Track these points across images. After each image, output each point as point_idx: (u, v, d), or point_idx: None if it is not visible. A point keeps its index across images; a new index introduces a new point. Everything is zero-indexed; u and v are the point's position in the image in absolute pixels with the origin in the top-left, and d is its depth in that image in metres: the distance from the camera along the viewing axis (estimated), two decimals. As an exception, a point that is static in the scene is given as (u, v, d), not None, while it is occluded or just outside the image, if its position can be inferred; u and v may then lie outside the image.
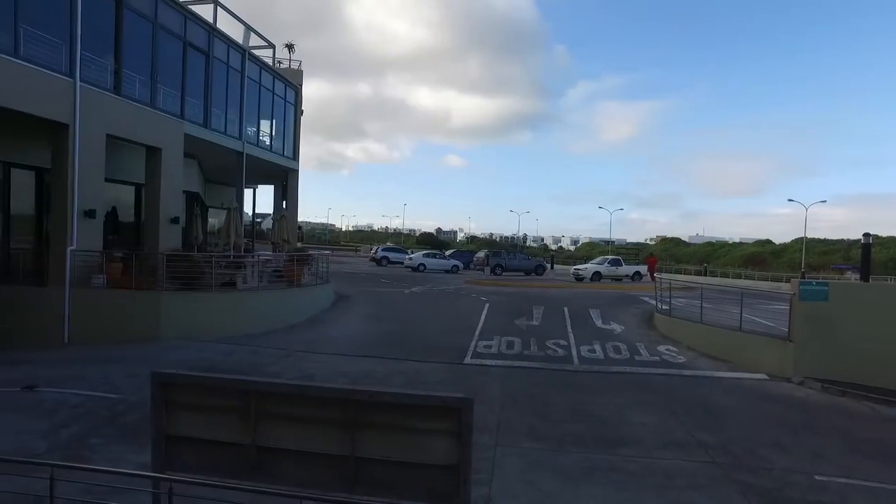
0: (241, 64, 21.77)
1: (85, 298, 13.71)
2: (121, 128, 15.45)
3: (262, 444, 4.32)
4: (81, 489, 5.11)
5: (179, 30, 18.09)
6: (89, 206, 14.38)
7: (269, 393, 4.25)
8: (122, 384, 10.02)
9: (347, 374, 11.36)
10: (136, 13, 16.15)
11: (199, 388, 4.31)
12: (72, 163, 13.87)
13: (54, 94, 13.36)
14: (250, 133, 23.08)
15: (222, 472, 4.35)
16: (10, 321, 13.55)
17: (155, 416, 4.27)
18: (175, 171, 17.64)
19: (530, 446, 8.00)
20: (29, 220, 15.18)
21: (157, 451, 4.30)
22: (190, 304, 14.30)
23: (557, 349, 14.18)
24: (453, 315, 18.40)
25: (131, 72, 16.11)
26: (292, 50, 29.21)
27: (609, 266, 35.85)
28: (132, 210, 18.75)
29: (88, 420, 8.32)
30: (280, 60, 27.66)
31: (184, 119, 18.17)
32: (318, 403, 4.20)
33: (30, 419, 8.28)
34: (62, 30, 13.70)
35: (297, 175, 27.52)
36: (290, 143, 26.95)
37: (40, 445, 7.36)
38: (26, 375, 10.33)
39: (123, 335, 13.37)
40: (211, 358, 12.01)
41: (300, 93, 27.54)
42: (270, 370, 11.36)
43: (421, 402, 4.14)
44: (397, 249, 48.84)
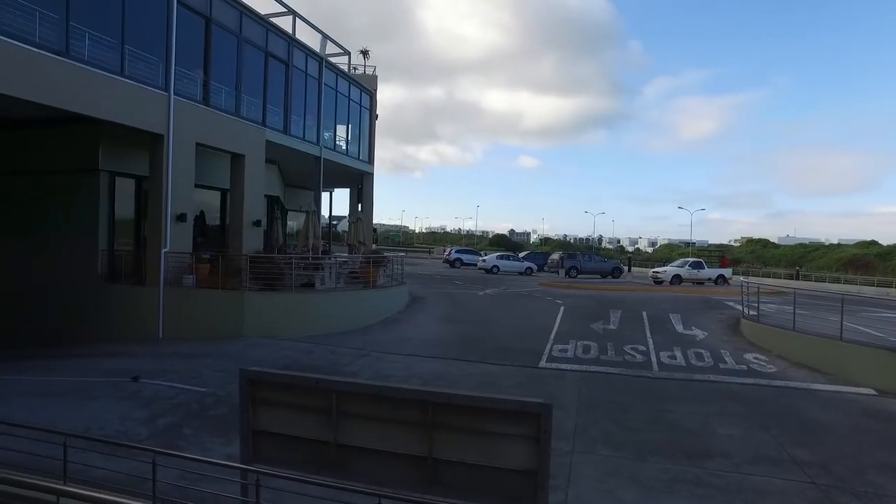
0: (318, 71, 22.54)
1: (177, 297, 14.62)
2: (209, 136, 16.40)
3: (342, 441, 4.42)
4: (177, 475, 5.42)
5: (261, 42, 18.98)
6: (181, 211, 15.35)
7: (349, 392, 4.34)
8: (210, 379, 10.57)
9: (421, 375, 11.46)
10: (223, 28, 17.10)
11: (284, 386, 4.46)
12: (166, 170, 14.86)
13: (152, 108, 14.38)
14: (327, 138, 23.85)
15: (304, 466, 4.49)
16: (114, 317, 14.70)
17: (243, 411, 4.46)
18: (257, 177, 18.50)
19: (608, 454, 7.76)
20: (129, 225, 16.36)
21: (245, 445, 4.49)
22: (271, 304, 14.92)
23: (636, 354, 13.70)
24: (527, 318, 18.19)
25: (218, 83, 17.09)
26: (367, 56, 29.92)
27: (690, 269, 34.26)
28: (218, 214, 19.82)
29: (181, 411, 8.85)
30: (355, 66, 28.42)
31: (265, 126, 19.04)
32: (397, 404, 4.25)
33: (133, 407, 8.91)
34: (159, 48, 14.74)
35: (371, 178, 28.16)
36: (365, 147, 27.62)
37: (142, 431, 7.90)
38: (129, 367, 11.12)
39: (210, 332, 14.15)
40: (291, 356, 12.46)
41: (374, 97, 28.17)
42: (347, 369, 11.65)
43: (499, 406, 4.09)
44: (470, 251, 48.88)
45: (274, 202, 22.71)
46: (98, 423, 8.12)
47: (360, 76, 28.04)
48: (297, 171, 24.30)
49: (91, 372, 11.13)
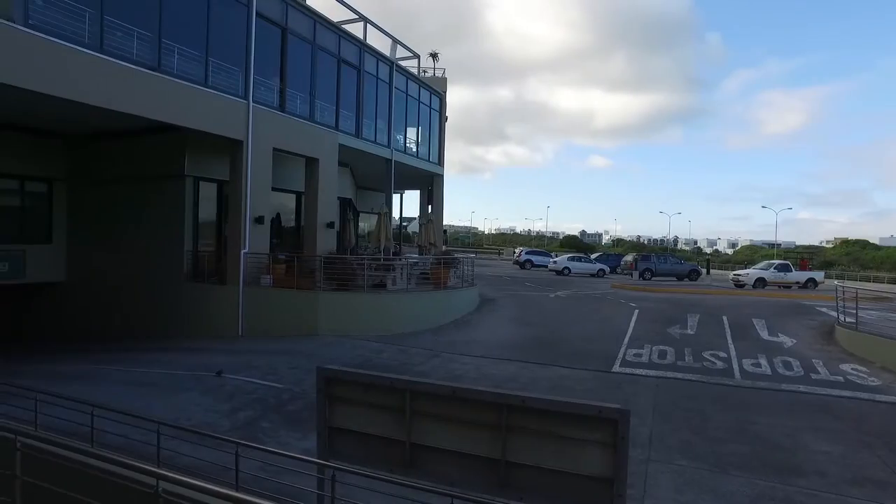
0: (388, 75, 22.94)
1: (255, 296, 15.25)
2: (285, 141, 17.03)
3: (415, 441, 4.43)
4: (257, 466, 5.63)
5: (334, 48, 19.53)
6: (259, 214, 16.02)
7: (423, 393, 4.34)
8: (286, 375, 10.96)
9: (492, 376, 11.39)
10: (298, 37, 17.73)
11: (360, 385, 4.52)
12: (245, 175, 15.54)
13: (233, 116, 15.10)
14: (398, 140, 24.23)
15: (378, 464, 4.54)
16: (198, 314, 15.53)
17: (320, 408, 4.56)
18: (330, 180, 19.03)
19: (686, 464, 7.41)
20: (211, 227, 17.23)
21: (322, 441, 4.58)
22: (344, 304, 15.29)
23: (716, 361, 13.03)
24: (600, 320, 17.73)
25: (293, 90, 17.73)
26: (436, 59, 30.23)
27: (776, 272, 32.23)
28: (293, 216, 20.53)
29: (259, 406, 9.20)
30: (425, 69, 28.75)
31: (338, 130, 19.56)
32: (471, 405, 4.22)
33: (216, 400, 9.37)
34: (239, 59, 15.47)
35: (442, 180, 28.37)
36: (435, 149, 27.87)
37: (224, 424, 8.28)
38: (212, 362, 11.71)
39: (286, 330, 14.68)
40: (363, 355, 12.71)
41: (444, 100, 28.36)
42: (418, 369, 11.75)
43: (575, 410, 3.98)
44: (541, 252, 48.30)
45: (346, 204, 23.29)
46: (185, 413, 8.58)
47: (430, 79, 28.33)
48: (368, 174, 24.83)
49: (177, 365, 11.80)
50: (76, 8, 11.45)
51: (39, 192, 17.27)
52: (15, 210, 16.91)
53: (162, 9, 13.17)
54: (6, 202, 16.76)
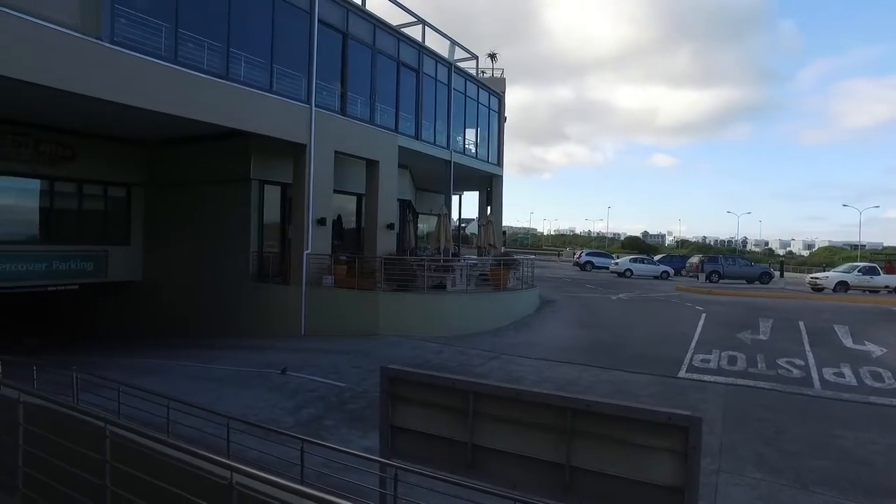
0: (447, 77, 23.02)
1: (317, 296, 15.62)
2: (345, 144, 17.37)
3: (478, 442, 4.39)
4: (320, 462, 5.72)
5: (393, 51, 19.78)
6: (321, 215, 16.40)
7: (486, 394, 4.29)
8: (348, 374, 11.14)
9: (553, 379, 11.19)
10: (358, 41, 18.07)
11: (422, 385, 4.52)
12: (308, 178, 15.95)
13: (296, 120, 15.54)
14: (457, 142, 24.28)
15: (439, 464, 4.52)
16: (263, 313, 16.06)
17: (383, 407, 4.58)
18: (390, 181, 19.27)
19: (761, 477, 7.02)
20: (275, 229, 17.78)
21: (384, 440, 4.60)
22: (403, 304, 15.43)
23: (792, 369, 12.31)
24: (664, 324, 17.12)
25: (354, 93, 18.09)
26: (495, 59, 30.06)
27: (860, 275, 29.93)
28: (353, 217, 20.90)
29: (322, 403, 9.39)
30: (483, 70, 28.68)
31: (397, 132, 19.79)
32: (534, 408, 4.14)
33: (281, 397, 9.63)
34: (302, 64, 15.91)
35: (501, 181, 28.24)
36: (494, 150, 27.76)
37: (288, 420, 8.49)
38: (276, 360, 12.07)
39: (347, 330, 14.95)
40: (423, 356, 12.77)
41: (503, 100, 28.22)
42: (478, 371, 11.69)
43: (643, 416, 3.83)
44: (602, 254, 47.27)
45: (406, 206, 23.54)
46: (251, 409, 8.85)
47: (489, 79, 28.24)
48: (427, 175, 25.01)
49: (244, 363, 12.22)
50: (154, 23, 12.10)
51: (119, 196, 18.35)
52: (99, 214, 18.04)
53: (230, 19, 13.72)
54: (92, 206, 17.87)
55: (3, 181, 15.50)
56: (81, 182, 17.23)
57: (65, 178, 16.77)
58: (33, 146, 15.75)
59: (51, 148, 16.13)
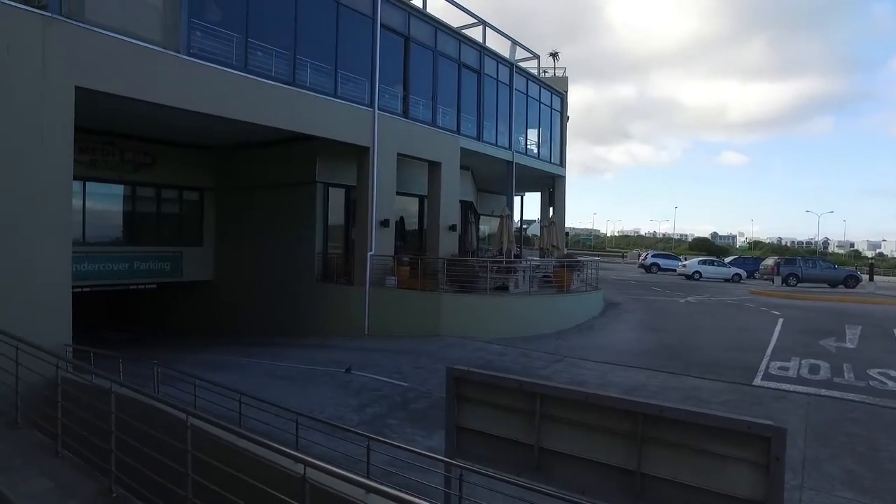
0: (508, 77, 22.89)
1: (380, 296, 15.85)
2: (408, 147, 17.56)
3: (544, 445, 4.30)
4: (385, 460, 5.78)
5: (454, 53, 19.86)
6: (384, 217, 16.64)
7: (554, 397, 4.20)
8: (411, 374, 11.22)
9: (618, 384, 10.87)
10: (420, 44, 18.25)
11: (488, 386, 4.47)
12: (371, 180, 16.23)
13: (360, 124, 15.85)
14: (519, 142, 24.09)
15: (505, 466, 4.46)
16: (327, 313, 16.45)
17: (448, 407, 4.56)
18: (452, 183, 19.33)
19: (851, 497, 6.52)
20: (339, 230, 18.20)
21: (450, 439, 4.58)
22: (466, 306, 15.41)
23: (886, 381, 11.41)
24: (737, 329, 16.33)
25: (416, 96, 18.28)
26: (556, 58, 29.68)
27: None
28: (415, 219, 21.11)
29: (386, 403, 9.49)
30: (545, 69, 28.33)
31: (459, 134, 19.84)
32: (603, 412, 4.01)
33: (345, 395, 9.82)
34: (365, 69, 16.23)
35: (563, 181, 27.83)
36: (556, 150, 27.39)
37: (353, 418, 8.63)
38: (340, 359, 12.32)
39: (409, 330, 15.08)
40: (484, 357, 12.71)
41: (565, 99, 27.79)
42: (541, 374, 11.52)
43: (720, 424, 3.63)
44: (668, 256, 45.70)
45: (468, 207, 23.55)
46: (318, 406, 9.05)
47: (550, 79, 27.89)
48: (489, 177, 24.94)
49: (310, 361, 12.54)
50: (225, 34, 12.66)
51: (193, 200, 19.28)
52: (175, 217, 19.03)
53: (296, 27, 14.17)
54: (169, 210, 18.87)
55: (93, 187, 16.56)
56: (160, 187, 18.22)
57: (145, 184, 17.79)
58: (119, 154, 16.79)
59: (134, 155, 17.15)
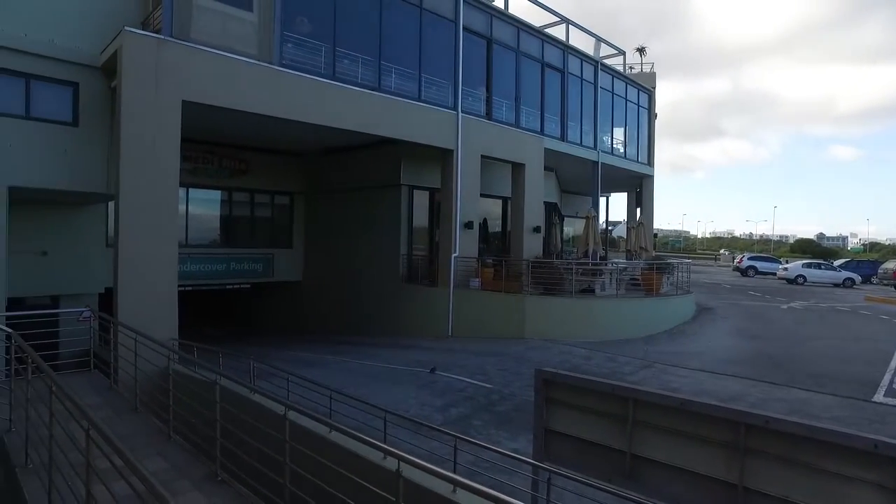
0: (593, 75, 22.35)
1: (464, 298, 15.90)
2: (491, 148, 17.54)
3: (637, 452, 4.14)
4: (470, 460, 5.78)
5: (537, 53, 19.64)
6: (468, 219, 16.71)
7: (648, 402, 4.03)
8: (495, 376, 11.16)
9: (713, 393, 10.27)
10: (502, 45, 18.20)
11: (579, 389, 4.36)
12: (455, 182, 16.34)
13: (443, 127, 16.02)
14: (604, 141, 23.46)
15: (595, 471, 4.33)
16: (411, 314, 16.72)
17: (537, 409, 4.49)
18: (536, 184, 19.11)
19: None
20: (423, 232, 18.45)
21: (538, 442, 4.50)
22: (550, 308, 15.16)
23: None
24: (852, 339, 14.99)
25: (499, 98, 18.23)
26: (643, 53, 28.73)
27: None
28: (499, 221, 21.02)
29: (470, 404, 9.49)
30: (631, 66, 27.46)
31: (543, 134, 19.58)
32: (702, 421, 3.80)
33: (430, 395, 9.91)
34: (447, 72, 16.40)
35: (651, 181, 26.80)
36: (644, 149, 26.43)
37: (437, 417, 8.69)
38: (425, 359, 12.47)
39: (492, 332, 15.03)
40: (570, 361, 12.43)
41: (653, 96, 26.76)
42: (628, 379, 11.09)
43: (838, 440, 3.33)
44: (767, 258, 42.62)
45: (551, 208, 23.21)
46: (403, 405, 9.20)
47: (637, 75, 26.98)
48: (573, 177, 24.46)
49: (394, 360, 12.78)
50: (314, 44, 13.22)
51: (284, 203, 20.21)
52: (267, 220, 20.03)
53: (381, 34, 14.54)
54: (261, 213, 19.90)
55: (195, 193, 17.78)
56: (253, 192, 19.25)
57: (240, 189, 18.86)
58: (217, 162, 17.93)
59: (230, 162, 18.24)
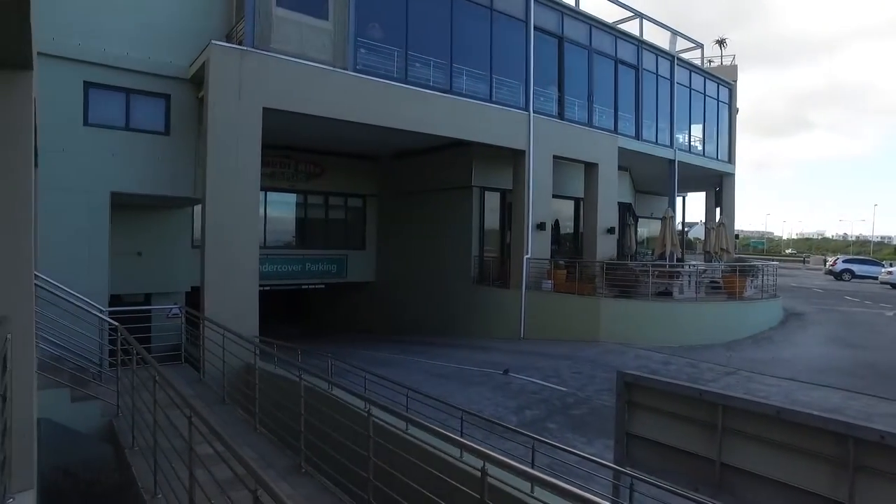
0: (669, 71, 21.58)
1: (536, 300, 15.73)
2: (564, 148, 17.28)
3: (727, 461, 3.95)
4: (546, 462, 5.69)
5: (610, 50, 19.18)
6: (540, 220, 16.53)
7: (740, 409, 3.83)
8: (569, 379, 10.97)
9: (806, 404, 9.61)
10: (574, 43, 17.92)
11: (663, 394, 4.21)
12: (527, 183, 16.21)
13: (515, 128, 15.93)
14: (681, 139, 22.58)
15: (680, 479, 4.17)
16: (482, 315, 16.70)
17: (619, 413, 4.37)
18: (610, 184, 18.65)
19: None
20: (494, 234, 18.39)
21: (619, 446, 4.38)
22: (626, 311, 14.73)
23: None
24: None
25: (571, 97, 17.96)
26: (723, 45, 27.40)
27: None
28: (570, 222, 20.65)
29: (544, 406, 9.37)
30: (710, 59, 26.27)
31: (616, 133, 19.09)
32: (801, 431, 3.56)
33: (503, 397, 9.87)
34: (519, 72, 16.32)
35: (732, 179, 25.54)
36: (724, 146, 25.24)
37: (512, 419, 8.64)
38: (497, 361, 12.43)
39: (565, 335, 14.78)
40: (647, 365, 12.02)
41: (734, 90, 25.49)
42: (711, 387, 10.59)
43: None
44: (866, 261, 38.85)
45: (626, 209, 22.58)
46: (477, 405, 9.20)
47: (717, 68, 25.79)
48: (647, 177, 23.70)
49: (467, 361, 12.80)
50: (387, 49, 13.48)
51: (357, 206, 20.70)
52: (340, 222, 20.58)
53: (452, 37, 14.65)
54: (335, 216, 20.47)
55: (273, 196, 18.53)
56: (327, 195, 19.83)
57: (315, 192, 19.47)
58: (294, 166, 18.62)
59: (305, 166, 18.89)
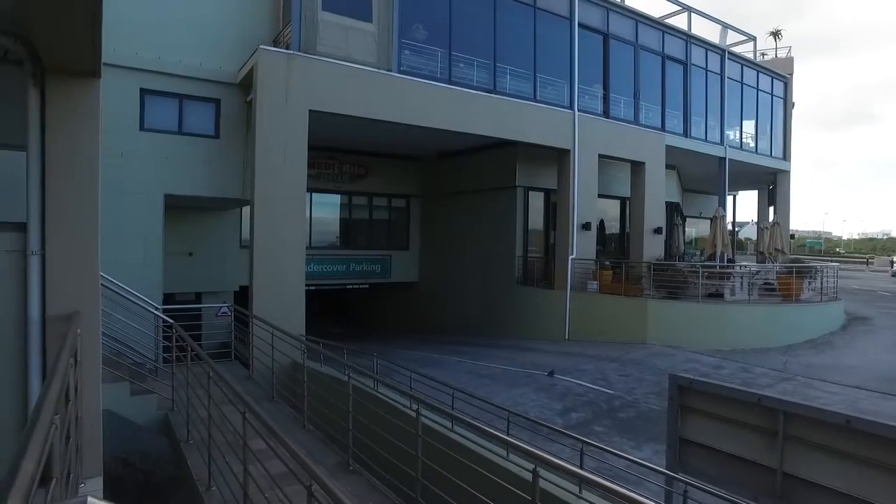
0: (719, 65, 20.91)
1: (581, 301, 15.49)
2: (609, 147, 16.97)
3: (789, 471, 3.77)
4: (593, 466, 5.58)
5: (657, 45, 18.72)
6: (585, 220, 16.27)
7: (803, 416, 3.65)
8: (616, 382, 10.74)
9: (873, 414, 9.04)
10: (619, 40, 17.57)
11: (719, 398, 4.06)
12: (572, 183, 15.98)
13: (559, 126, 15.74)
14: (732, 137, 21.84)
15: (737, 487, 4.02)
16: (526, 316, 16.55)
17: (671, 417, 4.24)
18: (657, 183, 18.20)
19: None
20: (539, 234, 18.20)
21: (672, 451, 4.25)
22: (674, 313, 14.33)
23: None
24: None
25: (616, 94, 17.61)
26: (778, 37, 26.37)
27: None
28: (616, 222, 20.25)
29: (590, 409, 9.21)
30: (763, 52, 25.34)
31: (664, 131, 18.61)
32: (873, 441, 3.36)
33: (549, 398, 9.75)
34: (563, 70, 16.11)
35: (787, 177, 24.53)
36: (778, 142, 24.28)
37: (557, 421, 8.52)
38: (542, 362, 12.29)
39: (611, 336, 14.50)
40: (698, 369, 11.66)
41: (790, 84, 24.49)
42: (765, 392, 10.19)
43: None
44: None
45: (673, 208, 22.00)
46: (521, 406, 9.11)
47: (771, 62, 24.84)
48: (695, 175, 23.03)
49: (511, 362, 12.70)
50: (430, 50, 13.53)
51: (401, 207, 20.82)
52: (384, 223, 20.75)
53: (495, 36, 14.58)
54: (379, 216, 20.65)
55: (317, 197, 18.83)
56: (371, 196, 20.02)
57: (359, 193, 19.68)
58: (338, 167, 18.87)
59: (350, 168, 19.11)
